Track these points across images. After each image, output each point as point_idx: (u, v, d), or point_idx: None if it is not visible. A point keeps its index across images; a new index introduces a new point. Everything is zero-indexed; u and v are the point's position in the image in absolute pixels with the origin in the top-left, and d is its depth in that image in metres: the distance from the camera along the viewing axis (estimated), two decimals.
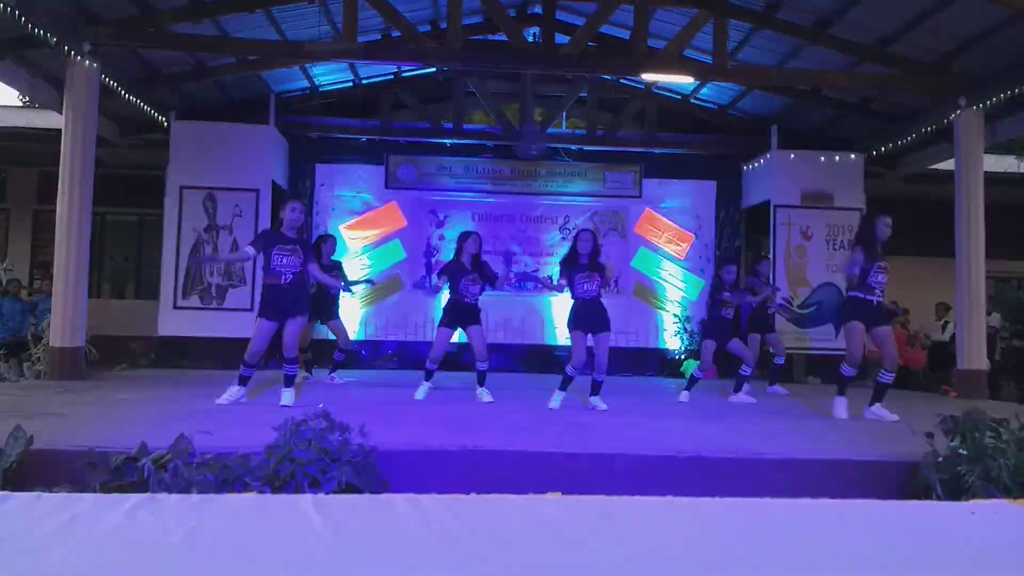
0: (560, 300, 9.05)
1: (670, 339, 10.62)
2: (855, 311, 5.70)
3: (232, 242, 9.43)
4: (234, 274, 9.54)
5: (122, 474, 3.33)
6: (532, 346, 10.46)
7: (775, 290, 8.07)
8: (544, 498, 3.01)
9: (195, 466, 3.34)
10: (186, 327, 9.34)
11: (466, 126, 10.41)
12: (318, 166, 10.59)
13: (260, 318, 5.52)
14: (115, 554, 2.08)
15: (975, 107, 7.89)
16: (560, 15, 9.21)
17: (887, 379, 5.74)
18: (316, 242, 7.52)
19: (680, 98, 10.71)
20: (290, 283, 5.43)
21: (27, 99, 11.13)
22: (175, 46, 7.87)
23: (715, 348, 6.91)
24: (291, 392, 5.56)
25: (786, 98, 9.90)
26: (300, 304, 5.53)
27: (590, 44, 8.52)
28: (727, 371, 8.69)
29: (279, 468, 3.31)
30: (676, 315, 10.61)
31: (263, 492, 3.19)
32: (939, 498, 3.53)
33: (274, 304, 5.45)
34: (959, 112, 8.00)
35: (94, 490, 3.20)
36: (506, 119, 10.10)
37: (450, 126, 10.30)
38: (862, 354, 5.79)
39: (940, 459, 3.73)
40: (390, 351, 10.42)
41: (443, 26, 8.52)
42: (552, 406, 5.92)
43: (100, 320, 8.42)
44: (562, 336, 9.84)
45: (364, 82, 10.45)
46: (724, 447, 4.22)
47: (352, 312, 9.87)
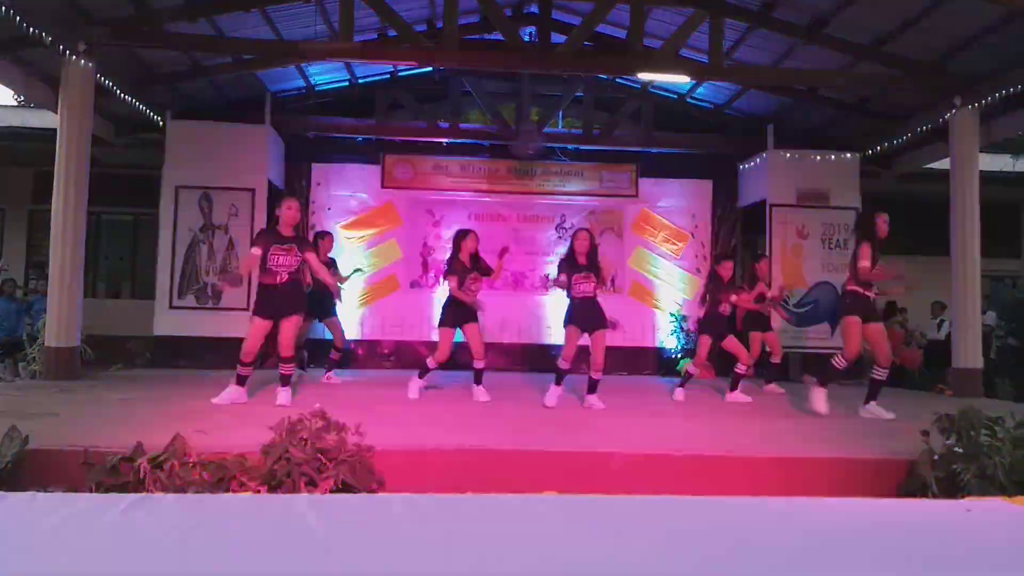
0: (556, 299, 9.05)
1: (666, 338, 10.63)
2: (854, 305, 5.71)
3: (228, 241, 9.41)
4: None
5: (118, 474, 3.33)
6: (528, 345, 10.46)
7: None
8: (541, 497, 3.01)
9: (191, 466, 3.34)
10: (182, 327, 9.30)
11: (462, 125, 10.42)
12: (314, 165, 10.56)
13: (255, 316, 5.52)
14: (111, 554, 2.08)
15: (970, 107, 7.92)
16: (556, 14, 9.22)
17: (881, 376, 5.76)
18: (314, 238, 7.59)
19: (676, 97, 10.74)
20: (286, 282, 5.44)
21: (22, 98, 11.12)
22: (171, 45, 7.87)
23: (710, 344, 6.92)
24: (287, 391, 5.56)
25: (782, 97, 9.92)
26: (295, 303, 5.53)
27: (586, 43, 8.54)
28: (723, 370, 8.70)
29: (275, 467, 3.31)
30: (672, 314, 10.61)
31: (259, 492, 3.19)
32: (935, 496, 3.55)
33: (269, 303, 5.46)
34: (954, 112, 8.03)
35: (90, 490, 3.20)
36: (502, 118, 10.10)
37: (446, 125, 10.30)
38: (859, 349, 5.80)
39: (936, 457, 3.75)
40: (386, 350, 10.43)
41: (439, 25, 8.50)
42: (548, 403, 5.92)
43: (96, 320, 8.42)
44: (558, 336, 9.83)
45: (360, 81, 10.43)
46: (721, 446, 4.23)
47: (348, 311, 9.85)
